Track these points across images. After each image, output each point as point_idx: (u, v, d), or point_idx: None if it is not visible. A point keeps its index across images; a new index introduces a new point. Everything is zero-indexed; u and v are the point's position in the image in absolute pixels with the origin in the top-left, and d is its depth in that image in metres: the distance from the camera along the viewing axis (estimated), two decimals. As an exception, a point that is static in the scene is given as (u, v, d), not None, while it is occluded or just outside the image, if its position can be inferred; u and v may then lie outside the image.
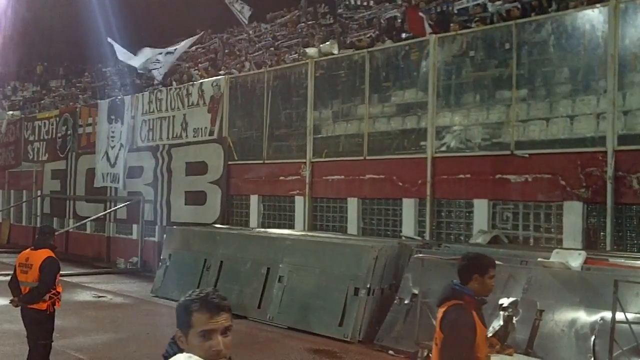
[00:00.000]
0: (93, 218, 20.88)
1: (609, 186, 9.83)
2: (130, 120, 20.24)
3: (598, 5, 10.44)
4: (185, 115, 18.14)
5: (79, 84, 31.31)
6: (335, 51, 15.14)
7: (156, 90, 19.64)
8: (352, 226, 13.62)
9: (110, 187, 20.93)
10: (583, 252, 8.83)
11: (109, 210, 20.45)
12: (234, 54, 22.66)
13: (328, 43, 15.77)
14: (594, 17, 10.41)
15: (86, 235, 22.39)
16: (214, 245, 13.47)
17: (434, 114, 12.28)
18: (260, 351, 9.50)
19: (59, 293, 6.98)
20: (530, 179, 10.87)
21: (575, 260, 8.56)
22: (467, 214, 11.86)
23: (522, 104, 11.22)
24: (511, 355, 7.99)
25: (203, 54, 25.27)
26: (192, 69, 21.68)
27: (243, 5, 19.86)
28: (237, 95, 16.83)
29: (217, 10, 22.58)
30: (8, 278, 7.34)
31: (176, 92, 18.55)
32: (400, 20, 15.85)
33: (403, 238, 12.12)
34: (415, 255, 10.13)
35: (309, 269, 11.23)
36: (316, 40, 18.03)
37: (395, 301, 9.88)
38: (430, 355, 8.53)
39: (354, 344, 9.86)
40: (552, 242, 10.55)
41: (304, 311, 10.90)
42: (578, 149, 10.34)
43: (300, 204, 14.75)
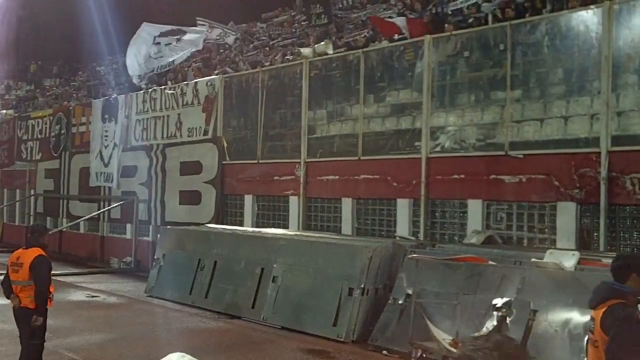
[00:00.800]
0: (87, 217, 20.81)
1: (603, 187, 9.85)
2: (124, 119, 20.18)
3: (592, 6, 10.46)
4: (179, 114, 18.10)
5: (73, 83, 31.24)
6: (330, 51, 15.14)
7: (150, 90, 19.60)
8: (347, 226, 13.61)
9: (104, 187, 20.88)
10: (577, 253, 8.86)
11: (102, 210, 20.39)
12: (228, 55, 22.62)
13: (323, 43, 15.78)
14: (588, 19, 10.43)
15: (80, 234, 22.31)
16: (208, 245, 13.44)
17: (429, 115, 12.29)
18: (254, 351, 9.48)
19: (50, 292, 6.98)
20: (524, 180, 10.89)
21: (569, 260, 8.59)
22: (461, 215, 11.87)
23: (517, 105, 11.24)
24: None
25: (197, 53, 25.18)
26: (186, 69, 21.62)
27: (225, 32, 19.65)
28: (232, 95, 16.81)
29: (215, 9, 22.57)
30: (0, 278, 7.38)
31: (170, 92, 18.50)
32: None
33: (397, 238, 12.11)
34: (409, 256, 10.13)
35: (303, 269, 11.21)
36: (311, 40, 18.03)
37: (389, 301, 9.87)
38: (425, 355, 8.56)
39: (348, 344, 9.84)
40: (546, 243, 10.57)
41: (298, 311, 10.88)
42: (572, 149, 10.36)
43: (294, 204, 14.74)
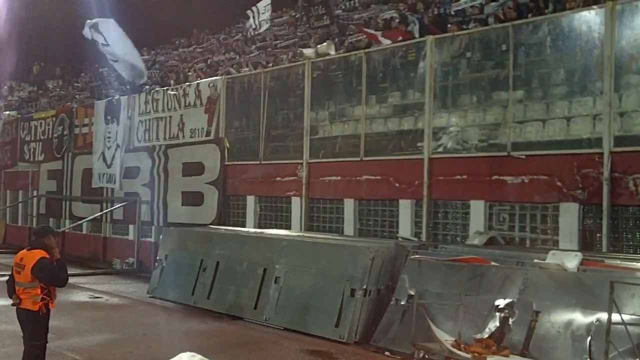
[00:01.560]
0: (89, 218, 20.83)
1: (605, 187, 9.85)
2: (126, 120, 20.19)
3: (595, 6, 10.46)
4: (182, 115, 18.11)
5: (76, 84, 31.29)
6: (332, 52, 15.14)
7: (153, 91, 19.62)
8: (349, 227, 13.61)
9: (107, 188, 20.89)
10: (579, 254, 8.84)
11: (105, 211, 20.42)
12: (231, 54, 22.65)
13: (325, 44, 15.78)
14: (590, 19, 10.43)
15: (82, 235, 22.32)
16: (210, 245, 13.44)
17: (431, 115, 12.29)
18: (256, 352, 9.48)
19: (51, 293, 6.98)
20: (526, 180, 10.88)
21: (572, 261, 8.58)
22: (464, 215, 11.87)
23: (519, 105, 11.23)
24: (507, 356, 8.03)
25: (200, 54, 25.26)
26: (188, 70, 21.66)
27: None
28: (234, 95, 16.82)
29: (215, 10, 22.57)
30: (4, 278, 7.40)
31: (173, 93, 18.51)
32: (397, 21, 15.85)
33: (399, 239, 12.11)
34: (411, 256, 10.13)
35: (306, 269, 11.21)
36: (313, 41, 18.03)
37: (391, 302, 9.87)
38: (427, 356, 8.55)
39: (350, 345, 9.85)
40: (549, 244, 10.56)
41: (301, 312, 10.88)
42: (574, 150, 10.36)
43: (296, 205, 14.74)
